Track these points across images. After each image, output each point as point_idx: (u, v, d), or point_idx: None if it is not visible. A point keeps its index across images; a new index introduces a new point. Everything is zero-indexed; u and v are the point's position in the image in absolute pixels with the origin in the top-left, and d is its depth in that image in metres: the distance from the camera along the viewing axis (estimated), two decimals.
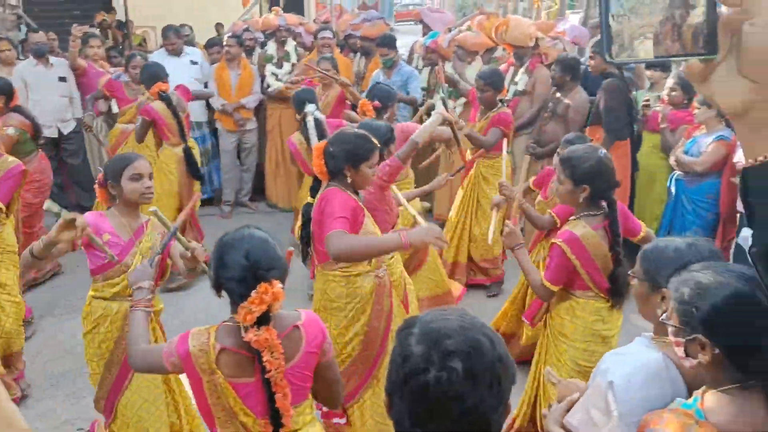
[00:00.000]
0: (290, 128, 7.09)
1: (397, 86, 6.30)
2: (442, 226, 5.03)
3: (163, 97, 5.22)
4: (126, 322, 2.85)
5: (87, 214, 2.87)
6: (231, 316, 2.03)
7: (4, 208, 3.76)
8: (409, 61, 7.46)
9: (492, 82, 4.80)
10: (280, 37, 7.16)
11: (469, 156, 4.92)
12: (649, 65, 5.57)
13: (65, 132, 6.63)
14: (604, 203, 2.93)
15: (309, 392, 2.17)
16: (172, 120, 5.30)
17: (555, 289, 2.93)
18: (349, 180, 2.95)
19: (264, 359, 1.97)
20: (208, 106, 7.04)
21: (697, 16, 0.79)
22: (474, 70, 6.24)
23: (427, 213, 4.26)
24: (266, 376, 1.98)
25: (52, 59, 6.53)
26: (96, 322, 2.99)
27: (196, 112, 6.82)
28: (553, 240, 2.96)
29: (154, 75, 5.25)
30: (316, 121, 4.50)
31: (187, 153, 5.38)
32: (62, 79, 6.53)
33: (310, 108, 4.53)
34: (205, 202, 6.45)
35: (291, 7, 12.41)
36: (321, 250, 2.98)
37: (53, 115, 6.49)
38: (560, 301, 3.03)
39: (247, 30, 7.50)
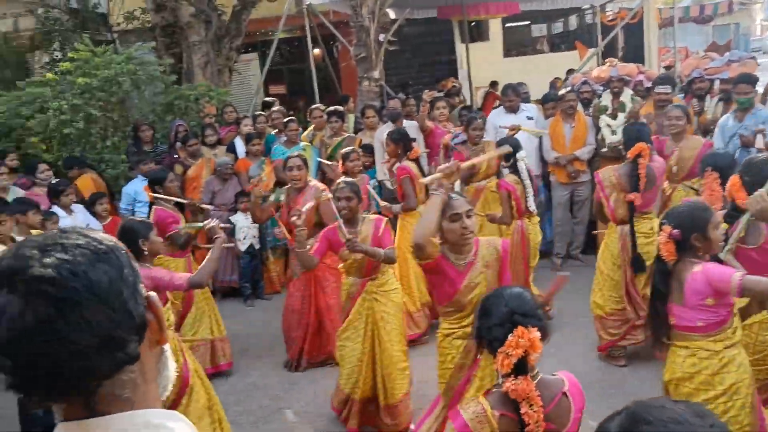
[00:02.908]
0: None
1: (748, 132, 5.66)
2: None
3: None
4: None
5: None
6: (496, 383, 2.08)
7: None
8: (764, 100, 6.62)
9: None
10: (613, 88, 7.03)
11: None
12: None
13: None
14: None
15: None
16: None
17: None
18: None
19: (522, 411, 1.94)
20: (542, 159, 7.19)
21: None
22: None
23: None
24: (525, 431, 1.93)
25: (405, 122, 7.35)
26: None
27: (531, 165, 7.03)
28: None
29: None
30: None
31: None
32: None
33: (520, 154, 5.49)
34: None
35: (631, 55, 12.09)
36: None
37: None
38: None
39: (585, 83, 7.53)
